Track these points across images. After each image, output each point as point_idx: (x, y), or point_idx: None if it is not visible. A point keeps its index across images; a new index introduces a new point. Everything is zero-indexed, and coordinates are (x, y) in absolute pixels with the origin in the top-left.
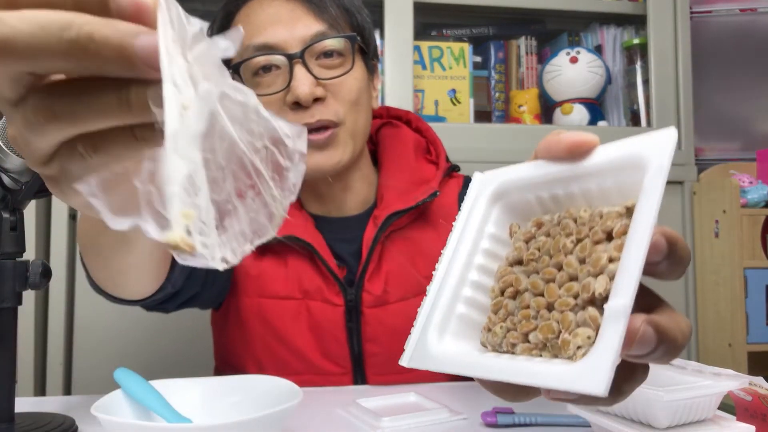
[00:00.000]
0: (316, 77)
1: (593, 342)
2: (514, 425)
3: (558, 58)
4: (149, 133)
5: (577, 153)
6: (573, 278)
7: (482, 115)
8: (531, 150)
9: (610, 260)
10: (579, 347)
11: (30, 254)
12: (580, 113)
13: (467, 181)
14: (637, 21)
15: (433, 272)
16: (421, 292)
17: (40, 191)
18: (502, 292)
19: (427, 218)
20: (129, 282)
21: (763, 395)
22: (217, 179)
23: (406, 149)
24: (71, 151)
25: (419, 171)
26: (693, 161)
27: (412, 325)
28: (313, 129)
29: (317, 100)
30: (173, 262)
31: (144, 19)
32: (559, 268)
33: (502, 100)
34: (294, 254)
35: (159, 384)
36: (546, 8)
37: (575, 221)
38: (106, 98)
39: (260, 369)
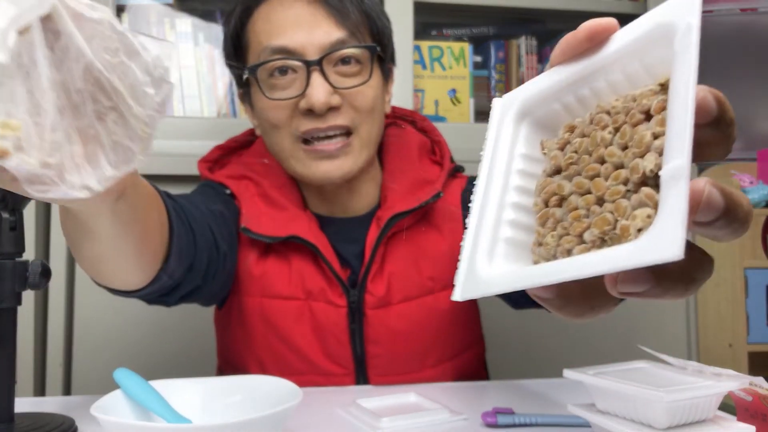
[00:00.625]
0: (332, 85)
1: (654, 221)
2: (514, 425)
3: None
4: None
5: (598, 40)
6: (619, 167)
7: (482, 115)
8: None
9: (655, 137)
10: (640, 229)
11: (29, 254)
12: None
13: (471, 181)
14: None
15: (469, 204)
16: (424, 293)
17: None
18: (546, 204)
19: (430, 219)
20: (108, 270)
21: (763, 395)
22: (77, 104)
23: (411, 150)
24: None
25: (423, 172)
26: (693, 161)
27: (458, 260)
28: (324, 137)
29: (332, 108)
30: (168, 252)
31: None
32: (602, 161)
33: None
34: (297, 255)
35: (159, 384)
36: (546, 8)
37: (608, 113)
38: None
39: (262, 369)
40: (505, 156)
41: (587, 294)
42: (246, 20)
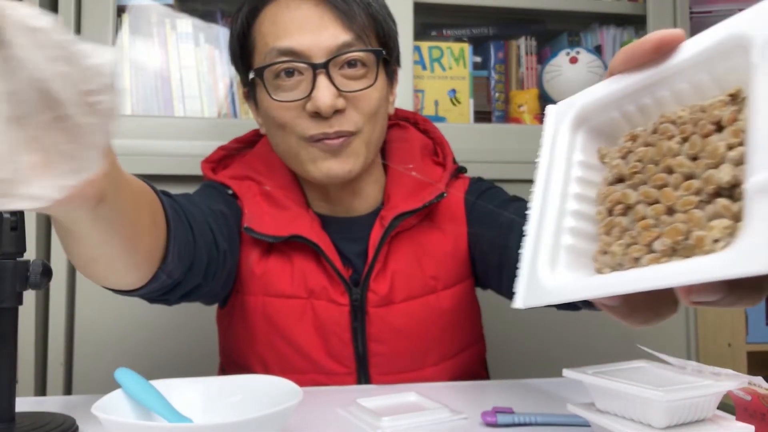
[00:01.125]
0: (338, 88)
1: (732, 232)
2: (513, 425)
3: (558, 58)
4: None
5: (665, 51)
6: (689, 177)
7: (482, 115)
8: (531, 150)
9: (729, 148)
10: (716, 240)
11: (30, 254)
12: None
13: (473, 182)
14: (636, 21)
15: (527, 212)
16: (427, 293)
17: None
18: (610, 212)
19: (433, 219)
20: (99, 271)
21: (762, 395)
22: (27, 114)
23: (413, 150)
24: None
25: (426, 172)
26: None
27: (519, 266)
28: (330, 137)
29: (337, 111)
30: (166, 251)
31: None
32: (669, 171)
33: (502, 100)
34: (300, 254)
35: (159, 384)
36: (546, 8)
37: (674, 123)
38: None
39: (265, 367)
40: (563, 163)
41: (653, 301)
42: (252, 20)
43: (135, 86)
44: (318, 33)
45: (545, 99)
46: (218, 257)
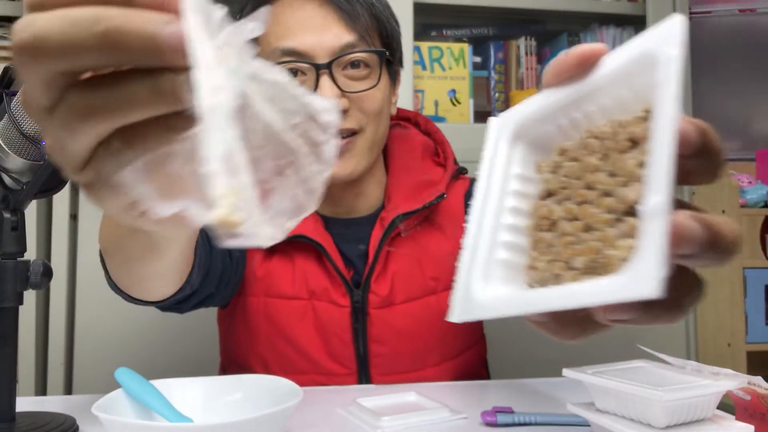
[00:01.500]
0: (341, 89)
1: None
2: (513, 425)
3: None
4: (182, 121)
5: (587, 65)
6: (607, 194)
7: (482, 116)
8: None
9: (640, 165)
10: (623, 260)
11: (31, 254)
12: None
13: (473, 182)
14: (636, 21)
15: (464, 224)
16: (427, 293)
17: (41, 191)
18: (538, 227)
19: (433, 220)
20: (154, 286)
21: (762, 395)
22: (256, 159)
23: (414, 151)
24: (107, 150)
25: (427, 173)
26: None
27: (455, 280)
28: None
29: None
30: (193, 263)
31: (168, 7)
32: (590, 188)
33: (501, 100)
34: (302, 254)
35: (160, 383)
36: (545, 9)
37: (597, 138)
38: (139, 89)
39: (266, 368)
40: (500, 176)
41: (579, 319)
42: None
43: None
44: (321, 33)
45: None
46: (231, 265)
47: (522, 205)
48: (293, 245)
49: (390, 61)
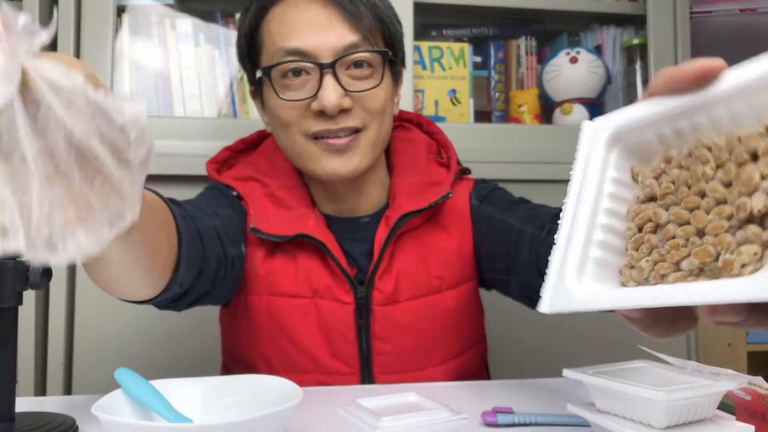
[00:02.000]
0: (344, 88)
1: (760, 259)
2: (514, 425)
3: (558, 58)
4: None
5: (706, 80)
6: (721, 202)
7: (482, 115)
8: (531, 150)
9: (763, 178)
10: (744, 265)
11: None
12: (580, 113)
13: (477, 183)
14: (636, 21)
15: (559, 222)
16: (432, 292)
17: None
18: (640, 229)
19: (438, 220)
20: (121, 289)
21: (762, 395)
22: (65, 171)
23: (418, 152)
24: None
25: (431, 173)
26: None
27: (547, 272)
28: (335, 135)
29: (343, 110)
30: (178, 262)
31: None
32: (702, 195)
33: (502, 100)
34: (304, 253)
35: (159, 384)
36: (546, 8)
37: (709, 149)
38: None
39: (269, 367)
40: (596, 178)
41: (674, 316)
42: (260, 19)
43: (135, 86)
44: (325, 33)
45: (545, 99)
46: (226, 263)
47: (617, 207)
48: (296, 244)
49: (393, 61)
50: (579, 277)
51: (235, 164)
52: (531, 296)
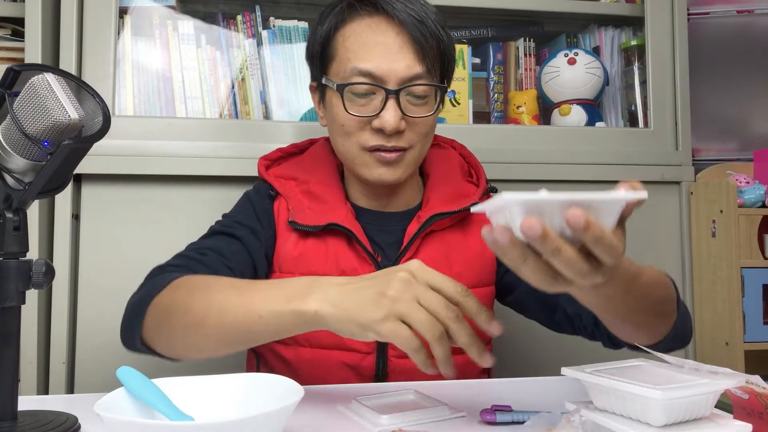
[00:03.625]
0: (404, 113)
1: None
2: (512, 423)
3: (556, 59)
4: None
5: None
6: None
7: (481, 116)
8: (529, 150)
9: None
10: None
11: (33, 254)
12: (578, 114)
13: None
14: (634, 22)
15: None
16: None
17: (43, 191)
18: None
19: (464, 227)
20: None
21: (760, 393)
22: None
23: (453, 168)
24: None
25: (462, 187)
26: (690, 161)
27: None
28: (386, 149)
29: (398, 130)
30: None
31: None
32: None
33: (500, 101)
34: (334, 239)
35: (161, 382)
36: (544, 10)
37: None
38: None
39: (295, 341)
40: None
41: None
42: (337, 31)
43: (137, 87)
44: (396, 61)
45: (544, 100)
46: (255, 276)
47: None
48: (327, 231)
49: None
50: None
51: (282, 163)
52: (547, 304)
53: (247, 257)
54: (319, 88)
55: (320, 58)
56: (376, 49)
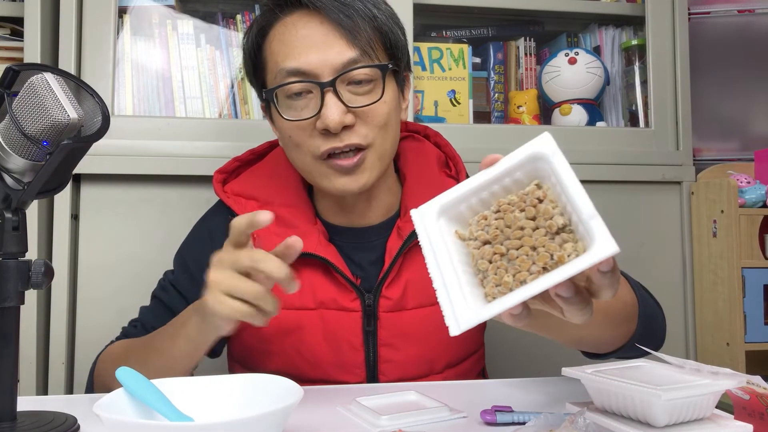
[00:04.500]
0: (346, 105)
1: (576, 249)
2: (512, 423)
3: (557, 59)
4: None
5: (488, 164)
6: (535, 228)
7: (481, 116)
8: None
9: (554, 208)
10: (569, 255)
11: (32, 254)
12: (579, 114)
13: None
14: (635, 22)
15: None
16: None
17: (42, 191)
18: (491, 261)
19: None
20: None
21: (760, 394)
22: None
23: (430, 163)
24: None
25: (442, 185)
26: (691, 161)
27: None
28: (341, 152)
29: (346, 126)
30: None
31: None
32: (521, 228)
33: (501, 100)
34: (308, 268)
35: (160, 383)
36: (545, 9)
37: (509, 204)
38: None
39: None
40: (440, 243)
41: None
42: (262, 40)
43: (136, 87)
44: (324, 51)
45: (544, 99)
46: None
47: (463, 258)
48: (299, 261)
49: (396, 70)
50: (466, 303)
51: (241, 174)
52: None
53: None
54: (267, 108)
55: (254, 74)
56: (302, 44)
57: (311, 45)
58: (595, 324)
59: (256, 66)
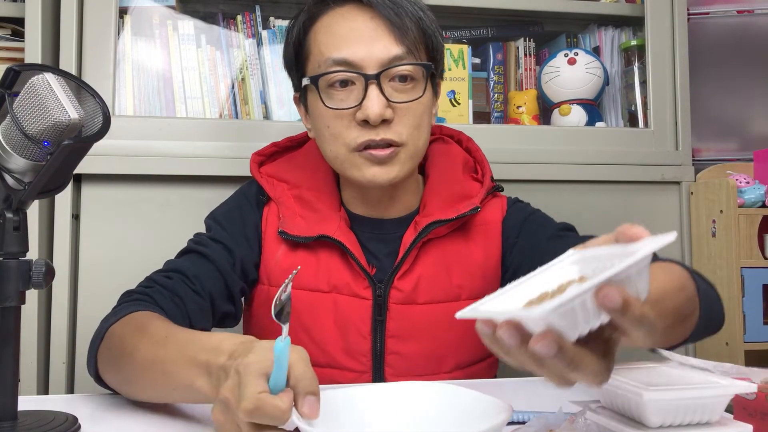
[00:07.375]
0: (387, 99)
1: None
2: (512, 423)
3: (556, 59)
4: None
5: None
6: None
7: (481, 116)
8: (529, 150)
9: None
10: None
11: (33, 254)
12: (578, 114)
13: (510, 202)
14: (634, 23)
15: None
16: (451, 299)
17: (43, 191)
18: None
19: (466, 232)
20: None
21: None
22: None
23: (455, 165)
24: None
25: (464, 186)
26: (690, 161)
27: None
28: (377, 145)
29: (384, 120)
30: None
31: None
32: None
33: (500, 101)
34: (326, 251)
35: (351, 390)
36: (544, 10)
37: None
38: None
39: None
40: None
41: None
42: (309, 28)
43: (137, 87)
44: (371, 44)
45: (544, 100)
46: (227, 302)
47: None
48: (319, 243)
49: (433, 74)
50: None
51: (277, 159)
52: None
53: (218, 277)
54: (302, 98)
55: (296, 62)
56: (350, 36)
57: (359, 38)
58: (672, 328)
59: (298, 54)
